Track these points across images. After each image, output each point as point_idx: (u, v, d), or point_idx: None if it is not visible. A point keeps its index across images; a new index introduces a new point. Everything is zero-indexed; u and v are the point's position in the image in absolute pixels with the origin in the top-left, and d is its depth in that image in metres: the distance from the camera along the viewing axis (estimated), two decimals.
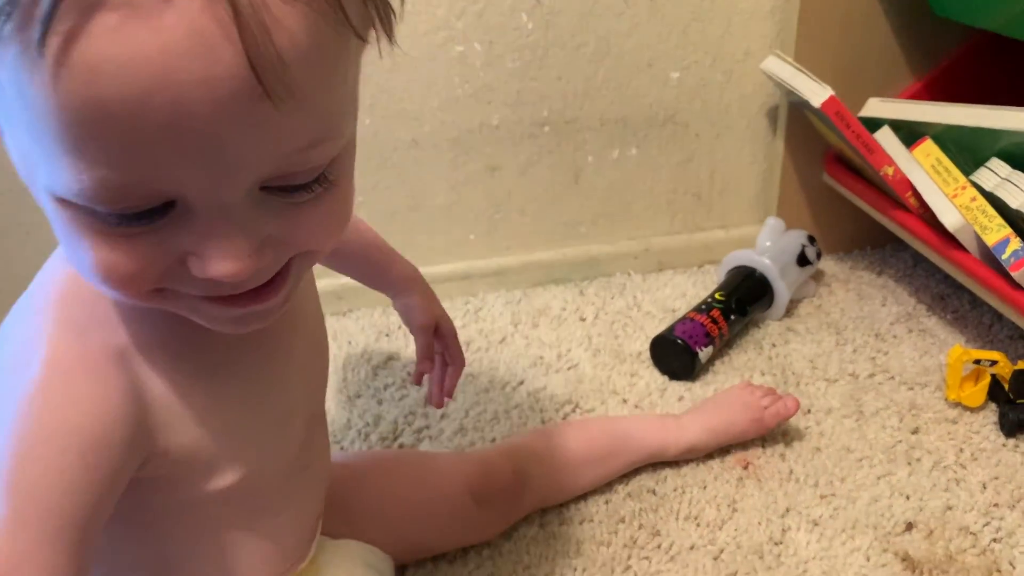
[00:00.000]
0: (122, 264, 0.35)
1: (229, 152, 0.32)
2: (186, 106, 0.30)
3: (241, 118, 0.31)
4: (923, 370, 0.90)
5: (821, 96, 0.88)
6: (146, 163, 0.31)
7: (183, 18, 0.29)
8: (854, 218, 1.03)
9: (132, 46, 0.29)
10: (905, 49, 1.01)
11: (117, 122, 0.30)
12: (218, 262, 0.34)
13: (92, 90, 0.29)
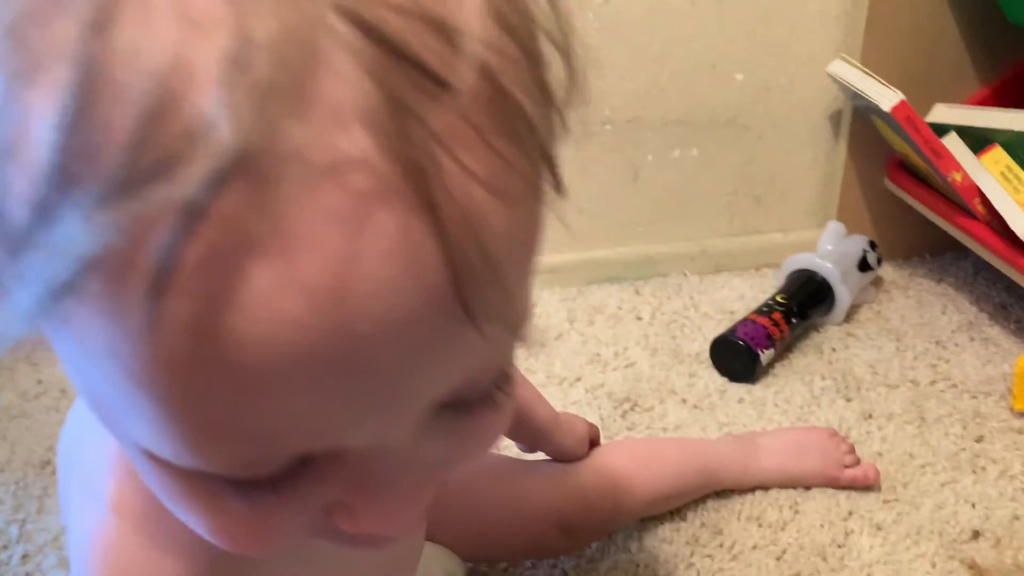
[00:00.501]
0: (247, 531, 0.27)
1: (405, 390, 0.24)
2: (361, 355, 0.22)
3: (428, 350, 0.23)
4: (986, 379, 0.89)
5: (891, 100, 0.87)
6: (293, 425, 0.23)
7: (366, 219, 0.20)
8: (915, 225, 1.03)
9: (285, 303, 0.20)
10: (973, 55, 1.00)
11: (260, 388, 0.21)
12: (378, 520, 0.26)
13: (229, 356, 0.21)
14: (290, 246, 0.19)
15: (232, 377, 0.21)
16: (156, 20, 0.19)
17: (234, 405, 0.22)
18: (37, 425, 0.85)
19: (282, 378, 0.21)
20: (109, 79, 0.18)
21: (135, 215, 0.19)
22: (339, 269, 0.20)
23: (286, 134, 0.19)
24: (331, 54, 0.19)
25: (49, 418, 0.86)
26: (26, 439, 0.83)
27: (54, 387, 0.90)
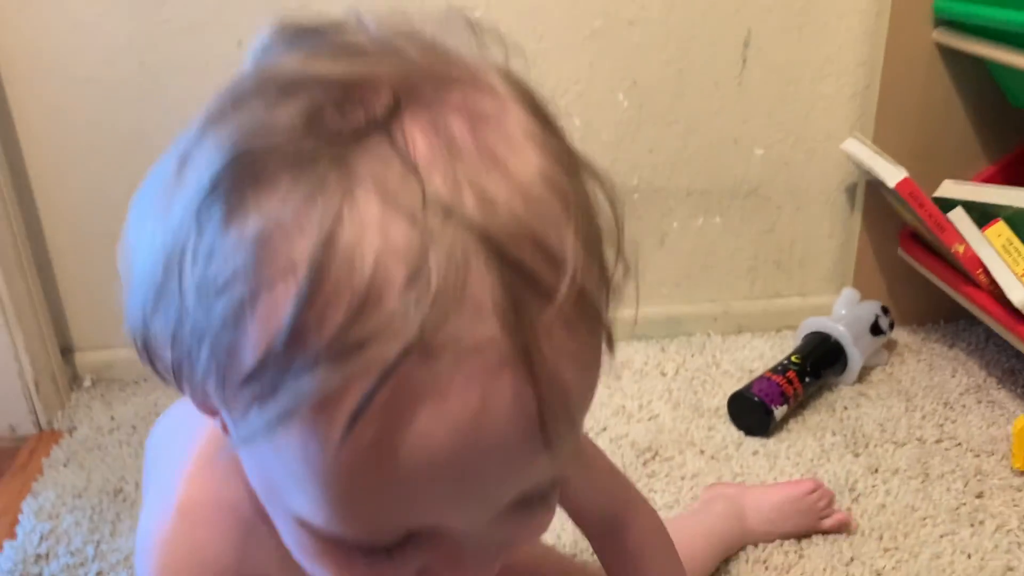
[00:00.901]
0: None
1: (496, 492, 0.32)
2: (477, 468, 0.30)
3: (517, 466, 0.31)
4: (990, 439, 0.94)
5: (896, 177, 0.94)
6: (418, 511, 0.32)
7: (486, 389, 0.29)
8: (928, 292, 1.09)
9: (437, 432, 0.29)
10: (981, 134, 1.07)
11: (406, 486, 0.30)
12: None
13: (393, 465, 0.29)
14: (444, 395, 0.29)
15: (390, 479, 0.30)
16: (366, 242, 0.28)
17: (384, 496, 0.30)
18: (111, 457, 0.94)
19: (423, 480, 0.30)
20: (332, 277, 0.28)
21: (346, 372, 0.28)
22: (474, 412, 0.29)
23: (447, 323, 0.28)
24: (477, 270, 0.28)
25: (121, 451, 0.95)
26: (101, 469, 0.92)
27: (126, 423, 0.99)
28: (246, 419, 0.30)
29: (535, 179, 0.30)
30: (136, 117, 0.98)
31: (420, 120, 0.29)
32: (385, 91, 0.30)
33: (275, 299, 0.28)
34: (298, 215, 0.28)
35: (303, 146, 0.29)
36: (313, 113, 0.29)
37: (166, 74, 0.97)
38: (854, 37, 1.04)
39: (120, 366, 1.08)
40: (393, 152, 0.28)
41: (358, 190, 0.28)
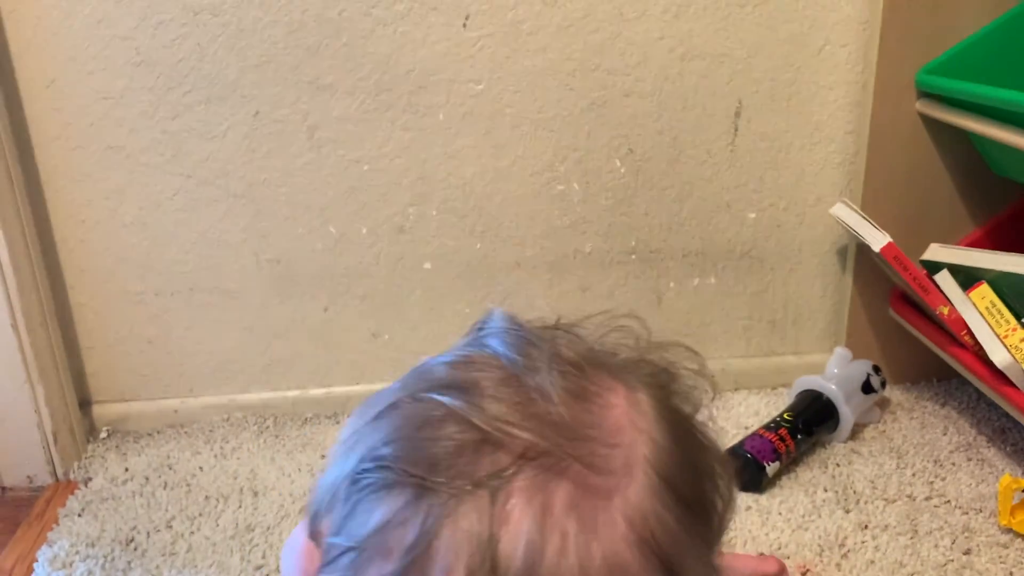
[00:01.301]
0: None
1: None
2: None
3: None
4: (979, 496, 0.96)
5: (881, 242, 0.98)
6: None
7: None
8: (919, 351, 1.12)
9: None
10: (965, 199, 1.11)
11: None
12: None
13: None
14: None
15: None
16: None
17: None
18: (124, 507, 0.97)
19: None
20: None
21: None
22: None
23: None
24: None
25: (134, 501, 0.98)
26: (114, 519, 0.95)
27: (139, 474, 1.03)
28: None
29: (597, 567, 0.35)
30: (157, 181, 1.03)
31: (527, 485, 0.35)
32: (516, 447, 0.36)
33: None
34: (401, 531, 0.35)
35: (432, 472, 0.36)
36: (459, 448, 0.36)
37: (186, 142, 1.02)
38: (841, 107, 1.09)
39: (135, 418, 1.12)
40: (488, 509, 0.35)
41: (446, 530, 0.34)
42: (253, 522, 0.94)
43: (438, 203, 1.07)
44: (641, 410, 0.40)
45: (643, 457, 0.38)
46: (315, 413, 1.14)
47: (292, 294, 1.10)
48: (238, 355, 1.12)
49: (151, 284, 1.08)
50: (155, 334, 1.10)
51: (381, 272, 1.10)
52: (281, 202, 1.05)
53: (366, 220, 1.07)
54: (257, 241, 1.07)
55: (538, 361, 0.39)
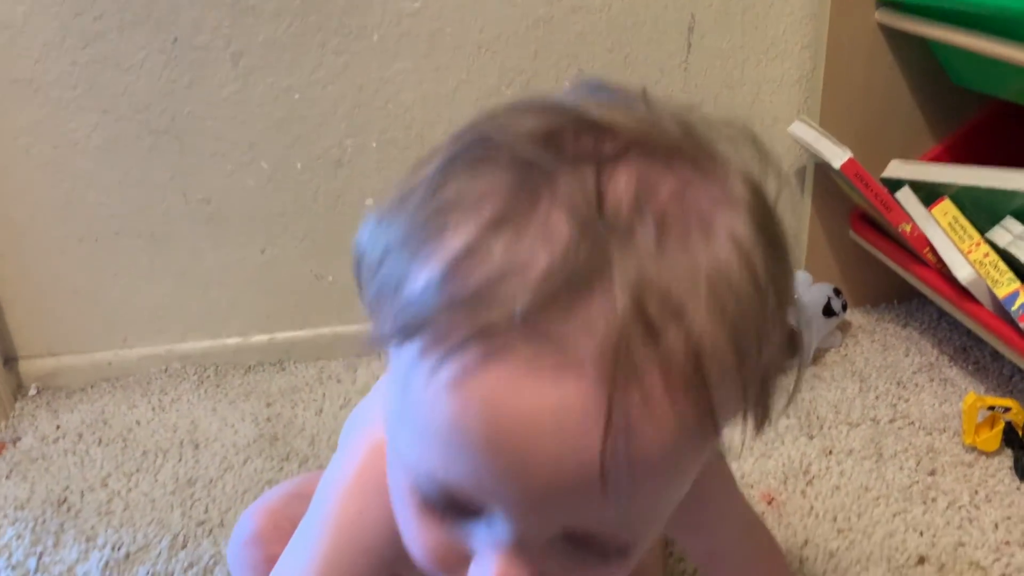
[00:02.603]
0: (432, 543, 0.39)
1: (538, 498, 0.34)
2: (524, 460, 0.33)
3: (567, 489, 0.33)
4: (942, 416, 0.94)
5: (841, 158, 0.94)
6: (468, 470, 0.34)
7: (565, 395, 0.32)
8: (880, 273, 1.09)
9: (514, 401, 0.32)
10: (926, 114, 1.07)
11: (471, 447, 0.33)
12: (495, 572, 0.37)
13: (465, 420, 0.33)
14: (521, 381, 0.32)
15: (455, 425, 0.33)
16: (531, 228, 0.32)
17: (451, 440, 0.34)
18: (55, 467, 0.92)
19: (480, 441, 0.33)
20: (493, 246, 0.33)
21: (459, 319, 0.32)
22: (538, 412, 0.32)
23: (554, 325, 0.31)
24: (602, 295, 0.31)
25: (67, 460, 0.93)
26: (45, 479, 0.90)
27: (72, 431, 0.97)
28: (384, 329, 0.35)
29: (706, 262, 0.33)
30: (71, 118, 0.96)
31: (634, 170, 0.33)
32: (621, 139, 0.34)
33: (451, 241, 0.33)
34: (495, 194, 0.33)
35: (526, 150, 0.34)
36: (552, 131, 0.34)
37: (100, 74, 0.94)
38: (797, 20, 1.04)
39: (66, 373, 1.06)
40: (592, 182, 0.33)
41: (545, 194, 0.33)
42: (194, 475, 0.89)
43: (377, 133, 1.01)
44: (742, 177, 0.36)
45: (745, 200, 0.35)
46: (258, 360, 1.09)
47: (226, 236, 1.03)
48: (173, 302, 1.06)
49: (73, 230, 1.01)
50: (81, 283, 1.04)
51: (320, 210, 1.04)
52: (208, 137, 0.98)
53: (300, 154, 1.01)
54: (184, 180, 1.00)
55: (636, 100, 0.37)
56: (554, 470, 0.33)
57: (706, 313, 0.32)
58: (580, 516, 0.35)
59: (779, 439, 0.92)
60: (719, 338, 0.33)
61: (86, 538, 0.82)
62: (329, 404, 1.00)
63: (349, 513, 0.49)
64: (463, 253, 0.33)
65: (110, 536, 0.82)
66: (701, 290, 0.32)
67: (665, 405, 0.32)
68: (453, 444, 0.34)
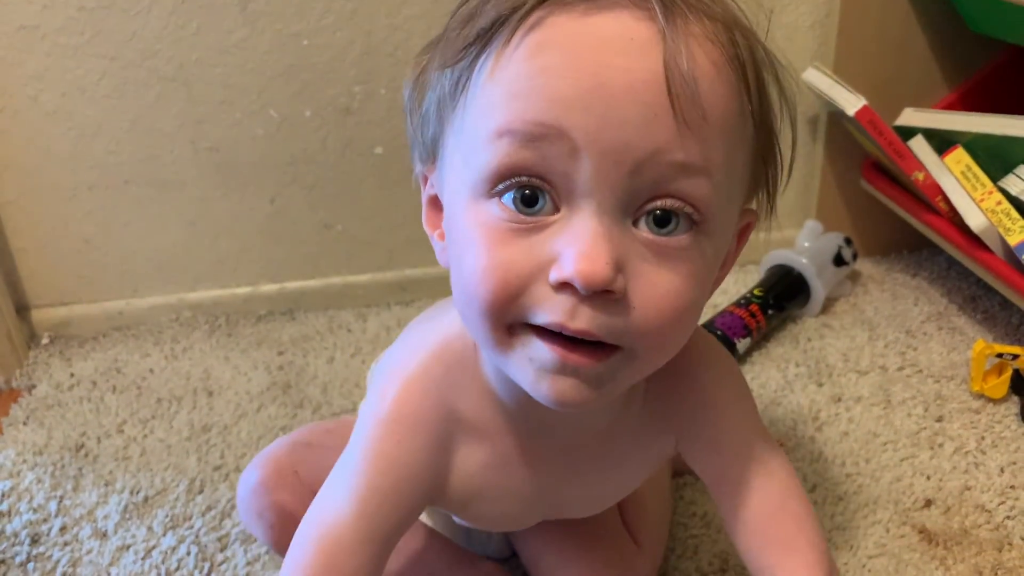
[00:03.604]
0: (502, 260, 0.41)
1: (628, 129, 0.39)
2: (607, 76, 0.39)
3: (643, 113, 0.39)
4: (950, 364, 0.95)
5: (855, 105, 0.94)
6: (568, 107, 0.40)
7: (625, 24, 0.40)
8: (891, 222, 1.09)
9: (586, 30, 0.40)
10: (940, 62, 1.06)
11: (555, 78, 0.40)
12: (578, 260, 0.40)
13: (547, 56, 0.40)
14: (586, 13, 0.41)
15: (536, 64, 0.41)
16: None
17: (543, 85, 0.40)
18: (71, 413, 0.93)
19: (557, 68, 0.40)
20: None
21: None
22: (604, 39, 0.40)
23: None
24: None
25: (82, 407, 0.93)
26: (62, 426, 0.91)
27: (86, 379, 0.98)
28: (456, 47, 0.44)
29: None
30: (78, 64, 0.95)
31: None
32: None
33: None
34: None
35: None
36: None
37: (107, 20, 0.93)
38: None
39: (78, 322, 1.06)
40: None
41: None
42: (209, 422, 0.90)
43: (386, 80, 1.00)
44: None
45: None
46: (269, 310, 1.09)
47: (235, 185, 1.03)
48: (183, 252, 1.06)
49: (83, 178, 1.01)
50: (92, 232, 1.04)
51: (329, 159, 1.03)
52: (216, 84, 0.98)
53: (309, 102, 1.00)
54: (193, 128, 0.99)
55: None
56: (627, 82, 0.39)
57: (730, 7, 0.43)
58: (655, 141, 0.39)
59: (788, 386, 0.92)
60: (742, 33, 0.43)
61: (104, 482, 0.83)
62: (340, 353, 1.01)
63: (388, 444, 0.51)
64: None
65: (128, 481, 0.83)
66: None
67: (708, 47, 0.40)
68: (537, 85, 0.40)
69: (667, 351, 0.45)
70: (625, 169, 0.40)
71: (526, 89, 0.40)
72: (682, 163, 0.40)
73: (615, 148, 0.39)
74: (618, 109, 0.39)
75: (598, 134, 0.39)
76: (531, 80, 0.40)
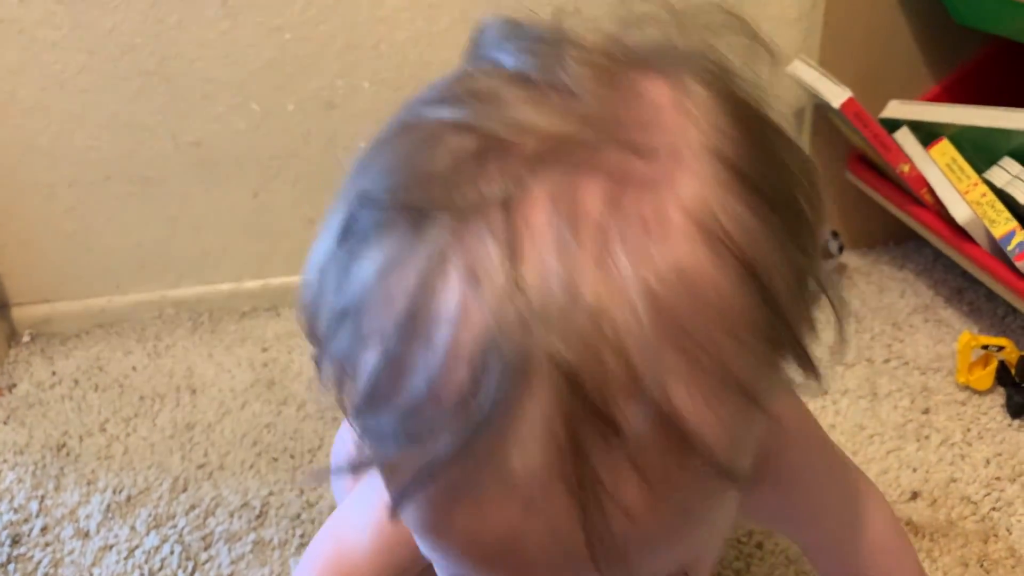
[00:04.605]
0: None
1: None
2: (526, 560, 0.29)
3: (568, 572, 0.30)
4: (936, 356, 0.95)
5: (840, 98, 0.93)
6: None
7: (529, 517, 0.28)
8: (877, 215, 1.09)
9: (478, 531, 0.29)
10: (926, 54, 1.06)
11: (453, 557, 0.31)
12: None
13: (436, 533, 0.30)
14: (484, 504, 0.28)
15: (444, 548, 0.31)
16: (441, 326, 0.27)
17: (447, 557, 0.31)
18: (53, 412, 0.92)
19: (474, 563, 0.30)
20: (411, 351, 0.28)
21: (402, 452, 0.29)
22: (512, 528, 0.28)
23: (496, 439, 0.26)
24: (539, 389, 0.26)
25: (64, 405, 0.93)
26: (43, 425, 0.90)
27: (68, 377, 0.97)
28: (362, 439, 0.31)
29: (660, 278, 0.26)
30: (57, 59, 0.94)
31: (550, 188, 0.27)
32: (531, 145, 0.28)
33: (365, 357, 0.29)
34: (400, 273, 0.28)
35: (428, 195, 0.28)
36: (459, 161, 0.28)
37: (85, 13, 0.92)
38: None
39: (59, 320, 1.05)
40: (503, 227, 0.27)
41: (453, 263, 0.27)
42: (192, 420, 0.90)
43: (369, 74, 0.99)
44: (691, 94, 0.30)
45: (697, 140, 0.29)
46: (253, 306, 1.09)
47: (217, 180, 1.02)
48: (165, 248, 1.05)
49: (63, 174, 0.99)
50: (73, 228, 1.02)
51: (312, 153, 1.02)
52: (197, 78, 0.96)
53: (291, 95, 0.99)
54: (174, 122, 0.98)
55: (553, 56, 0.30)
56: (546, 561, 0.29)
57: (672, 365, 0.26)
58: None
59: None
60: (697, 385, 0.27)
61: (87, 481, 0.82)
62: None
63: None
64: (378, 374, 0.29)
65: (111, 479, 0.82)
66: (651, 334, 0.26)
67: (646, 478, 0.27)
68: (452, 562, 0.32)
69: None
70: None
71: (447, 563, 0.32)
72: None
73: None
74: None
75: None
76: (447, 562, 0.32)
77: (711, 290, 0.27)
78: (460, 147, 0.28)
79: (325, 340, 0.32)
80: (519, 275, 0.26)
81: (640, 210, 0.27)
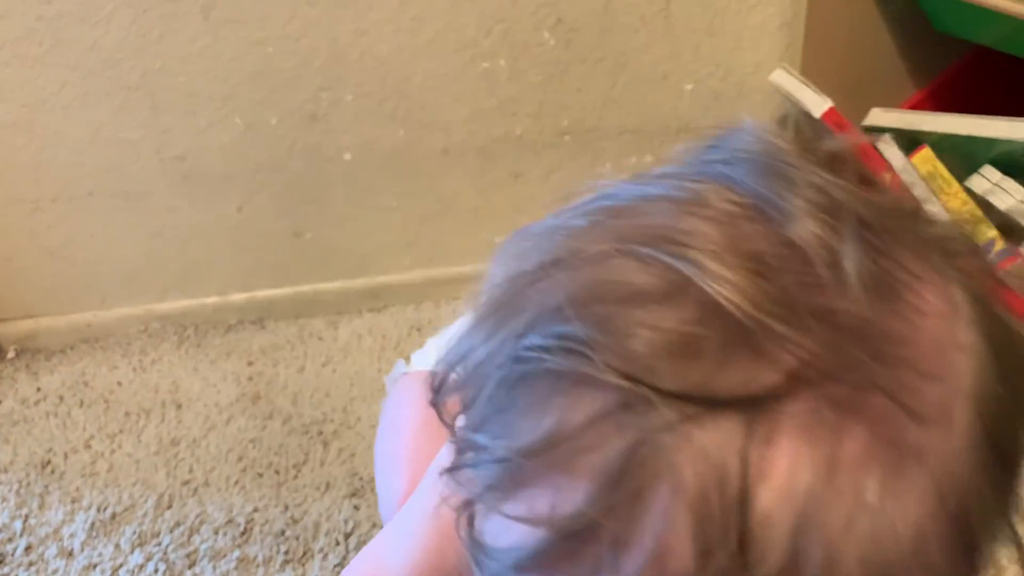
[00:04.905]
0: None
1: None
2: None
3: None
4: None
5: (821, 108, 0.94)
6: None
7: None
8: None
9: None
10: (907, 62, 1.07)
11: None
12: None
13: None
14: None
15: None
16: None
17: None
18: (37, 429, 0.92)
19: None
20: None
21: None
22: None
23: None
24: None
25: (49, 422, 0.92)
26: (27, 442, 0.90)
27: (53, 393, 0.97)
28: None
29: (895, 542, 0.24)
30: (38, 75, 0.93)
31: (809, 417, 0.23)
32: (792, 355, 0.23)
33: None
34: (592, 456, 0.24)
35: (652, 381, 0.23)
36: (695, 344, 0.24)
37: (67, 29, 0.92)
38: None
39: (44, 335, 1.05)
40: (739, 445, 0.23)
41: (659, 472, 0.23)
42: (178, 435, 0.90)
43: (353, 87, 0.99)
44: (962, 319, 0.26)
45: (967, 396, 0.25)
46: (239, 320, 1.08)
47: (202, 194, 1.02)
48: (150, 262, 1.05)
49: (46, 190, 0.99)
50: (57, 244, 1.02)
51: (296, 166, 1.02)
52: (180, 93, 0.96)
53: (275, 109, 0.99)
54: (157, 137, 0.98)
55: (835, 224, 0.25)
56: None
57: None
58: None
59: None
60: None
61: (71, 499, 0.82)
62: (311, 362, 1.00)
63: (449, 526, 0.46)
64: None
65: (95, 497, 0.82)
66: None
67: None
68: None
69: None
70: None
71: None
72: None
73: None
74: None
75: None
76: None
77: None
78: (696, 328, 0.24)
79: (459, 450, 0.29)
80: (749, 501, 0.23)
81: (897, 478, 0.24)
